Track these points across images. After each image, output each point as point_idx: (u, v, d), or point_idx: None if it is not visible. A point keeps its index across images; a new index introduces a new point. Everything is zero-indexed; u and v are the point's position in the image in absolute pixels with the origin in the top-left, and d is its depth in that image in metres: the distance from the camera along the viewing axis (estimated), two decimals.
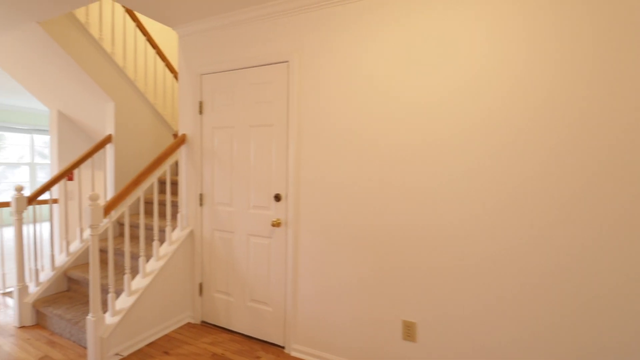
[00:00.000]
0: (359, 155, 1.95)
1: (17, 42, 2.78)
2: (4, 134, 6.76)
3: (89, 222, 1.95)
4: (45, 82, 3.18)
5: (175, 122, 3.86)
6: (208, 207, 2.53)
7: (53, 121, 3.63)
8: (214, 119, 2.48)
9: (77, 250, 2.84)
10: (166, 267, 2.38)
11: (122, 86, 3.12)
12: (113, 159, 3.08)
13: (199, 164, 2.55)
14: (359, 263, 1.97)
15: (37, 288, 2.60)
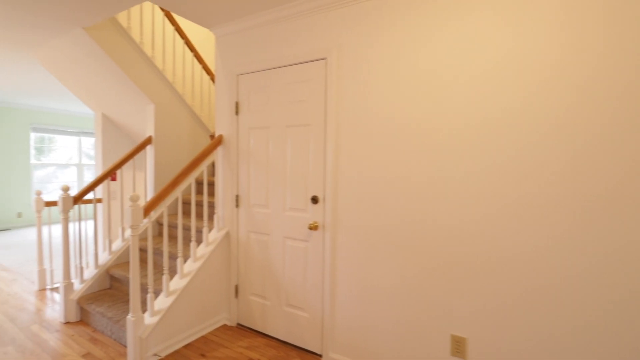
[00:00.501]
0: (403, 152, 1.81)
1: (65, 48, 2.91)
2: (54, 136, 7.23)
3: (130, 222, 1.97)
4: (91, 86, 3.31)
5: (211, 124, 3.90)
6: (244, 208, 2.49)
7: (98, 124, 3.79)
8: (250, 120, 2.44)
9: (118, 249, 2.91)
10: (203, 268, 2.37)
11: (162, 89, 3.18)
12: (153, 159, 3.14)
13: (235, 165, 2.52)
14: (403, 268, 1.83)
15: (81, 285, 2.69)
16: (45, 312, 2.76)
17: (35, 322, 2.59)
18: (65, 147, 7.41)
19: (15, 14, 2.39)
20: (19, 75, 4.12)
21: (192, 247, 2.38)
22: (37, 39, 2.87)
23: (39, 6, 2.28)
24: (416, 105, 1.77)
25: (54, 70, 3.34)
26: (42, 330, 2.47)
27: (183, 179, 2.30)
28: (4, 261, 4.23)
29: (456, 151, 1.67)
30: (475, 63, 1.62)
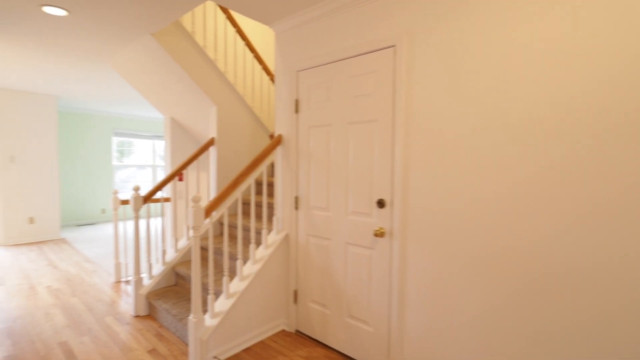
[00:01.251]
0: (494, 153, 1.53)
1: (136, 56, 3.08)
2: (133, 140, 7.96)
3: (191, 223, 1.95)
4: (160, 91, 3.48)
5: (271, 124, 3.89)
6: (303, 210, 2.38)
7: (167, 127, 3.99)
8: (309, 118, 2.32)
9: (184, 247, 2.99)
10: (262, 271, 2.30)
11: (224, 91, 3.22)
12: (215, 160, 3.19)
13: (294, 165, 2.42)
14: (491, 291, 1.55)
15: (150, 281, 2.80)
16: (119, 304, 2.94)
17: (109, 314, 2.75)
18: (142, 150, 8.13)
19: (92, 26, 2.57)
20: (101, 85, 4.53)
21: (252, 249, 2.32)
22: (112, 48, 3.07)
23: (111, 16, 2.41)
24: (509, 97, 1.48)
25: (128, 77, 3.58)
26: (115, 322, 2.61)
27: (243, 180, 2.25)
28: (88, 253, 4.68)
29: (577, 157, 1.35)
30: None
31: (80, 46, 3.04)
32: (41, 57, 3.41)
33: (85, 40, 2.89)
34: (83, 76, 4.08)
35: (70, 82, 4.45)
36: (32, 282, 3.49)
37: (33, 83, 4.57)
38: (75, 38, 2.85)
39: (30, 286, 3.39)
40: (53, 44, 3.00)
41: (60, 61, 3.50)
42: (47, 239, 5.47)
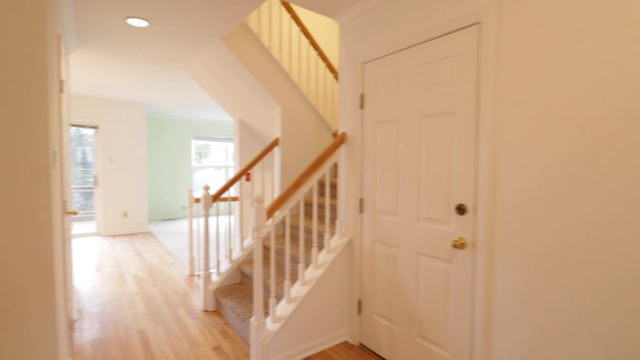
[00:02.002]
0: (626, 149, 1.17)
1: (208, 61, 3.21)
2: (209, 143, 8.58)
3: (254, 223, 1.91)
4: (229, 94, 3.60)
5: (334, 123, 3.77)
6: (369, 214, 2.19)
7: (236, 129, 4.14)
8: (376, 113, 2.13)
9: (249, 246, 3.03)
10: (324, 277, 2.18)
11: (288, 90, 3.19)
12: (279, 160, 3.18)
13: (358, 165, 2.25)
14: (617, 332, 1.19)
15: (218, 278, 2.88)
16: (191, 298, 3.09)
17: (181, 306, 2.90)
18: (217, 152, 8.73)
19: (170, 34, 2.73)
20: (180, 91, 4.90)
21: (314, 253, 2.21)
22: (188, 55, 3.25)
23: (185, 22, 2.51)
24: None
25: (202, 82, 3.78)
26: (186, 315, 2.73)
27: (305, 180, 2.15)
28: (169, 246, 5.11)
29: None
30: None
31: (160, 55, 3.28)
32: (129, 68, 3.78)
33: (164, 49, 3.10)
34: (165, 84, 4.45)
35: (155, 90, 4.90)
36: (122, 270, 3.90)
37: (127, 93, 5.14)
38: (156, 48, 3.07)
39: (120, 274, 3.78)
40: (137, 55, 3.29)
41: (146, 71, 3.84)
42: (137, 231, 6.15)
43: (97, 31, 2.72)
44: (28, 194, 1.31)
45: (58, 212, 1.80)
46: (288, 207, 2.15)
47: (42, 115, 1.34)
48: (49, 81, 1.42)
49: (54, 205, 1.50)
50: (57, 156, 1.65)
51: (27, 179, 1.31)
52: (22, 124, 1.29)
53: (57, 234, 1.73)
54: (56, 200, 1.68)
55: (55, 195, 1.60)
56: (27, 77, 1.30)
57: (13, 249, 1.29)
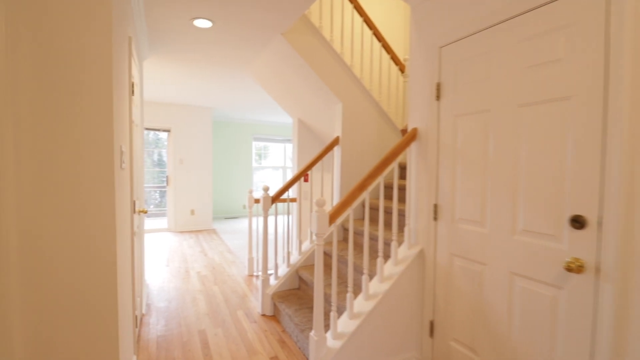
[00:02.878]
0: None
1: (268, 60, 3.14)
2: (268, 144, 8.76)
3: (315, 229, 1.74)
4: (288, 92, 3.52)
5: (398, 119, 3.48)
6: (445, 223, 1.89)
7: (294, 129, 4.05)
8: (456, 104, 1.82)
9: (307, 250, 2.89)
10: (391, 292, 1.93)
11: (349, 86, 2.99)
12: (340, 160, 2.99)
13: (433, 165, 1.96)
14: None
15: (275, 282, 2.79)
16: (249, 299, 3.05)
17: (240, 308, 2.86)
18: (275, 153, 8.89)
19: (233, 33, 2.70)
20: (241, 93, 4.99)
21: (379, 264, 1.97)
22: (249, 55, 3.22)
23: (247, 19, 2.45)
24: None
25: (263, 82, 3.75)
26: (244, 317, 2.68)
27: (370, 183, 1.93)
28: (230, 244, 5.24)
29: None
30: None
31: (223, 57, 3.31)
32: (196, 73, 3.90)
33: (227, 50, 3.11)
34: (228, 87, 4.54)
35: (219, 94, 5.06)
36: (188, 267, 4.04)
37: (194, 98, 5.40)
38: (219, 50, 3.09)
39: (186, 270, 3.92)
40: (202, 58, 3.35)
41: (210, 75, 3.94)
42: (202, 228, 6.45)
43: (166, 36, 2.80)
44: (91, 193, 1.29)
45: (126, 211, 1.82)
46: (351, 210, 1.94)
47: (107, 116, 1.31)
48: (115, 82, 1.39)
49: (120, 204, 1.49)
50: (124, 157, 1.65)
51: (90, 178, 1.29)
52: (86, 124, 1.27)
53: (124, 233, 1.74)
54: (123, 200, 1.68)
55: (122, 194, 1.59)
56: (93, 77, 1.28)
57: (76, 248, 1.28)
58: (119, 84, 1.54)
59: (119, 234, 1.50)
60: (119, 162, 1.53)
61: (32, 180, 1.20)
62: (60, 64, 1.22)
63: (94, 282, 1.31)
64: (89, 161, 1.28)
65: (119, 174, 1.53)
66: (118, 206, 1.47)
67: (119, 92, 1.51)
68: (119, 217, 1.47)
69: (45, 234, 1.22)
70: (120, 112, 1.58)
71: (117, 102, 1.45)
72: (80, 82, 1.25)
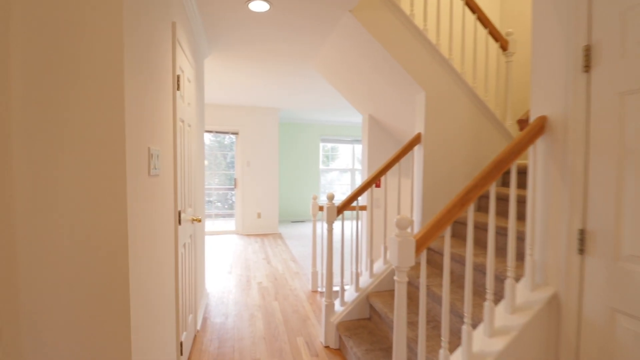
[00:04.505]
0: None
1: (334, 48, 2.71)
2: (337, 145, 8.39)
3: (395, 261, 1.23)
4: (357, 84, 3.04)
5: (499, 111, 2.75)
6: (602, 259, 1.22)
7: (364, 126, 3.57)
8: (624, 75, 1.15)
9: (380, 272, 2.38)
10: (506, 355, 1.32)
11: (434, 70, 2.40)
12: (422, 162, 2.42)
13: (578, 170, 1.30)
14: None
15: (342, 308, 2.33)
16: (311, 323, 2.65)
17: (300, 334, 2.47)
18: (343, 155, 8.48)
19: (293, 17, 2.33)
20: (306, 91, 4.67)
21: (487, 310, 1.38)
22: (313, 41, 2.83)
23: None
24: None
25: (328, 75, 3.34)
26: (305, 348, 2.27)
27: (476, 195, 1.35)
28: (295, 251, 4.95)
29: None
30: None
31: (285, 47, 2.98)
32: (258, 70, 3.67)
33: (288, 37, 2.77)
34: (292, 83, 4.25)
35: (283, 93, 4.82)
36: (250, 275, 3.83)
37: (260, 98, 5.26)
38: (280, 36, 2.76)
39: (247, 279, 3.71)
40: (262, 49, 3.07)
41: (273, 70, 3.67)
42: (268, 232, 6.33)
43: (221, 27, 2.55)
44: (84, 209, 0.99)
45: (162, 223, 1.54)
46: (448, 233, 1.38)
47: (113, 107, 0.99)
48: (131, 65, 1.08)
49: (146, 216, 1.19)
50: (157, 161, 1.36)
51: (83, 189, 0.98)
52: (79, 117, 0.96)
53: (160, 249, 1.46)
54: (156, 211, 1.39)
55: (151, 205, 1.30)
56: (91, 56, 0.97)
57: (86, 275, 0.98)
58: (149, 71, 1.25)
59: (139, 255, 1.18)
60: (145, 167, 1.22)
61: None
62: (52, 36, 0.93)
63: (100, 323, 1.00)
64: (82, 165, 0.98)
65: (145, 182, 1.23)
66: (137, 220, 1.15)
67: (143, 79, 1.20)
68: (137, 234, 1.16)
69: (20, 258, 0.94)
70: (149, 106, 1.29)
71: (138, 92, 1.14)
72: (76, 60, 0.95)
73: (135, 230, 1.09)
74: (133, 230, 1.06)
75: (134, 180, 1.09)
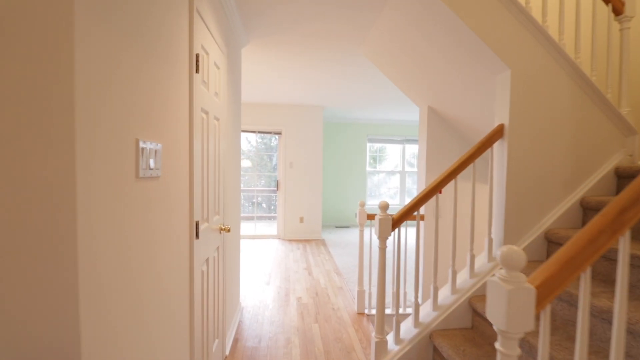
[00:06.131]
0: None
1: (388, 22, 2.23)
2: (385, 146, 7.82)
3: (499, 321, 0.75)
4: (414, 70, 2.52)
5: (612, 93, 2.08)
6: None
7: (422, 121, 3.03)
8: None
9: (448, 304, 1.85)
10: None
11: (523, 41, 1.82)
12: (505, 163, 1.85)
13: None
14: None
15: (396, 347, 1.84)
16: (357, 355, 2.19)
17: None
18: (392, 156, 7.88)
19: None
20: (354, 84, 4.22)
21: None
22: (362, 19, 2.38)
23: None
24: None
25: (380, 63, 2.87)
26: None
27: (638, 216, 0.81)
28: (338, 261, 4.51)
29: None
30: None
31: (330, 31, 2.58)
32: (300, 59, 3.31)
33: (334, 17, 2.35)
34: (338, 75, 3.84)
35: (329, 87, 4.42)
36: (289, 288, 3.47)
37: (304, 95, 4.92)
38: (324, 19, 2.36)
39: (286, 292, 3.35)
40: (305, 33, 2.69)
41: (316, 59, 3.29)
42: (310, 238, 5.97)
43: (257, 10, 2.21)
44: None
45: (169, 238, 1.20)
46: (586, 277, 0.85)
47: (65, 77, 0.64)
48: (81, 15, 0.72)
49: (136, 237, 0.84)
50: (152, 158, 1.00)
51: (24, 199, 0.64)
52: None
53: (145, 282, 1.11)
54: (150, 227, 1.04)
55: (142, 220, 0.95)
56: None
57: None
58: (148, 40, 0.89)
59: (110, 300, 0.82)
60: (130, 165, 0.87)
61: None
62: None
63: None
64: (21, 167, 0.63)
65: (131, 187, 0.87)
66: (107, 247, 0.79)
67: (132, 49, 0.84)
68: (107, 267, 0.79)
69: None
70: (146, 87, 0.94)
71: (120, 63, 0.78)
72: None
73: (102, 262, 0.73)
74: (96, 262, 0.70)
75: (103, 185, 0.73)
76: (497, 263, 1.86)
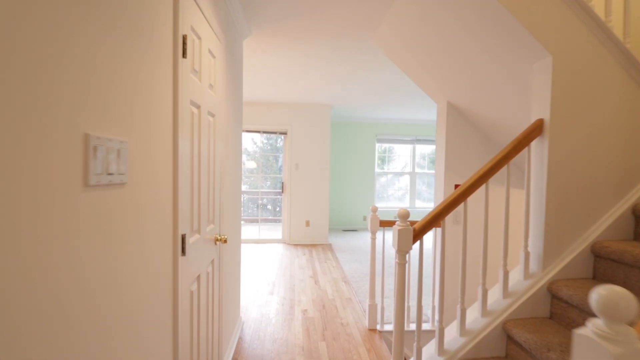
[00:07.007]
0: None
1: (401, 14, 1.98)
2: (393, 146, 7.54)
3: None
4: (432, 62, 2.27)
5: None
6: None
7: (441, 117, 2.77)
8: None
9: (478, 329, 1.59)
10: None
11: (567, 23, 1.56)
12: (545, 164, 1.58)
13: None
14: None
15: None
16: None
17: None
18: (400, 156, 7.60)
19: None
20: (362, 81, 3.97)
21: None
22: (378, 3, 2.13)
23: None
24: None
25: (393, 54, 2.62)
26: None
27: None
28: (347, 268, 4.26)
29: None
30: None
31: (339, 18, 2.34)
32: (307, 54, 3.07)
33: (344, 4, 2.11)
34: (347, 68, 3.61)
35: (337, 84, 4.17)
36: (294, 299, 3.23)
37: (310, 92, 4.68)
38: (334, 5, 2.12)
39: (290, 304, 3.10)
40: (311, 23, 2.45)
41: (324, 50, 3.05)
42: (317, 242, 5.72)
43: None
44: None
45: (149, 259, 0.96)
46: None
47: None
48: None
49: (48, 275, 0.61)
50: (111, 160, 0.77)
51: None
52: None
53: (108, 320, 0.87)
54: (113, 250, 0.81)
55: (79, 243, 0.71)
56: None
57: None
58: (108, 11, 0.66)
59: None
60: (74, 169, 0.64)
61: None
62: None
63: None
64: None
65: (72, 200, 0.64)
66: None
67: (88, 18, 0.61)
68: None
69: None
70: (106, 67, 0.70)
71: (60, 34, 0.54)
72: None
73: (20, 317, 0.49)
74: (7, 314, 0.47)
75: (23, 201, 0.50)
76: (536, 280, 1.59)
